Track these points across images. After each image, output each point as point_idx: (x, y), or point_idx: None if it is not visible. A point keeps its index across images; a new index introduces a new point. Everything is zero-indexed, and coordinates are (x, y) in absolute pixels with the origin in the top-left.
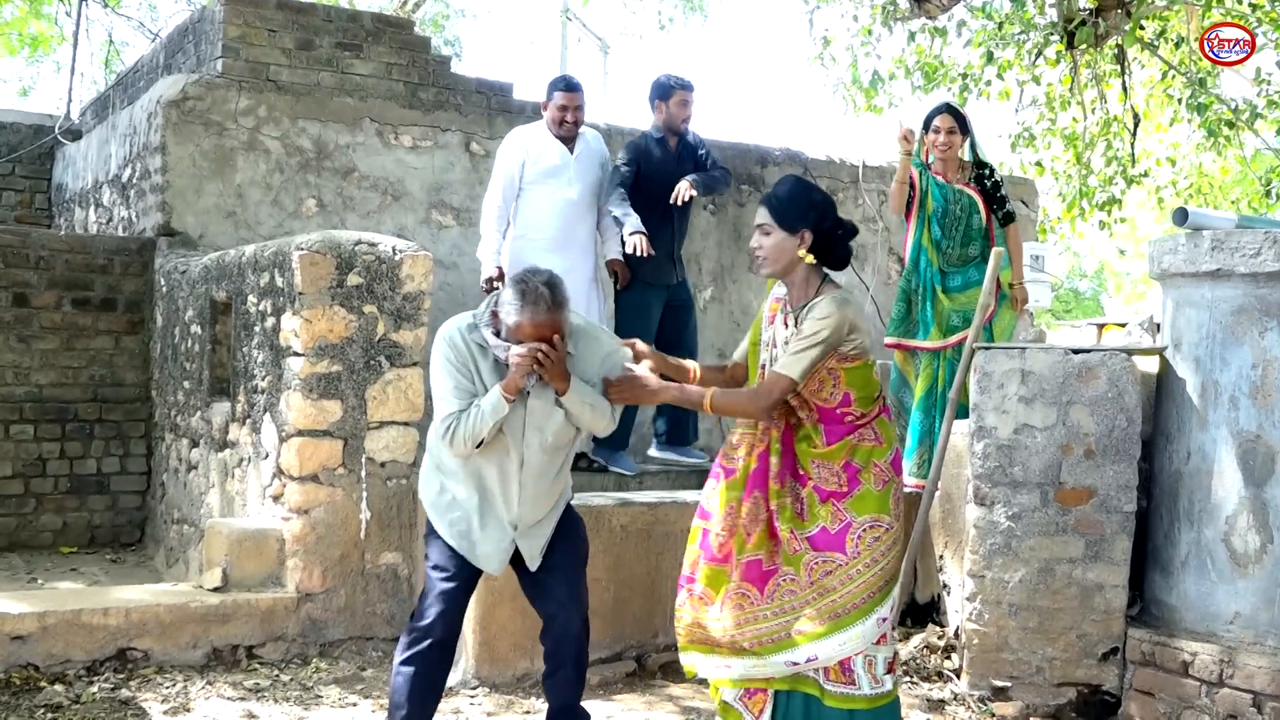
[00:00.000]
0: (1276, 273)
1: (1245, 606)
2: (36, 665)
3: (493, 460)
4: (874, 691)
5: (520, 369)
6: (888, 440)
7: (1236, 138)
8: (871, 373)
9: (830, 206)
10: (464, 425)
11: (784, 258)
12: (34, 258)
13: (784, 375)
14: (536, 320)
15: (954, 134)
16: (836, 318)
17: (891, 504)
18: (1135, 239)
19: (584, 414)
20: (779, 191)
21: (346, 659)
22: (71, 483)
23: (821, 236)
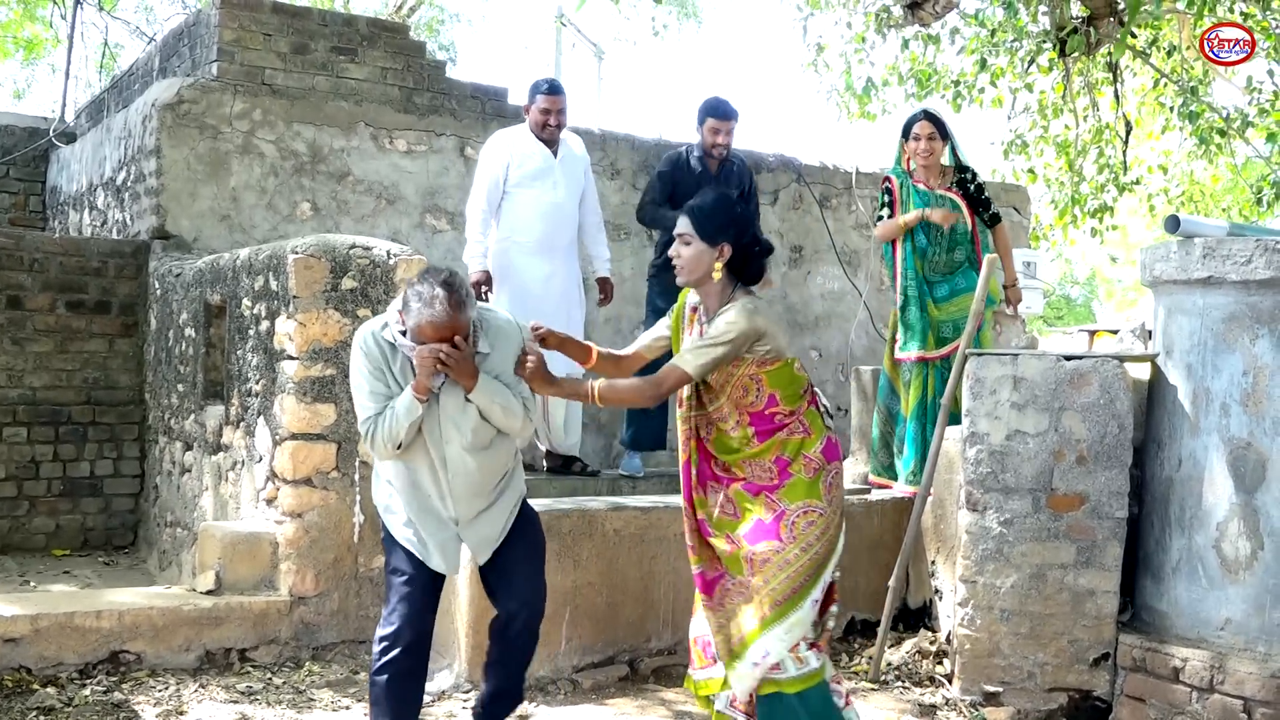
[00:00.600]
0: (1268, 280)
1: (1236, 613)
2: (29, 668)
3: (422, 460)
4: (799, 672)
5: (424, 369)
6: (817, 430)
7: (1228, 146)
8: (793, 370)
9: (750, 223)
10: (381, 428)
11: (701, 268)
12: (28, 260)
13: (680, 368)
14: (435, 321)
15: (934, 140)
16: (743, 325)
17: (823, 489)
18: (1127, 246)
19: (493, 412)
20: (702, 204)
21: (339, 662)
22: (65, 485)
23: (739, 251)
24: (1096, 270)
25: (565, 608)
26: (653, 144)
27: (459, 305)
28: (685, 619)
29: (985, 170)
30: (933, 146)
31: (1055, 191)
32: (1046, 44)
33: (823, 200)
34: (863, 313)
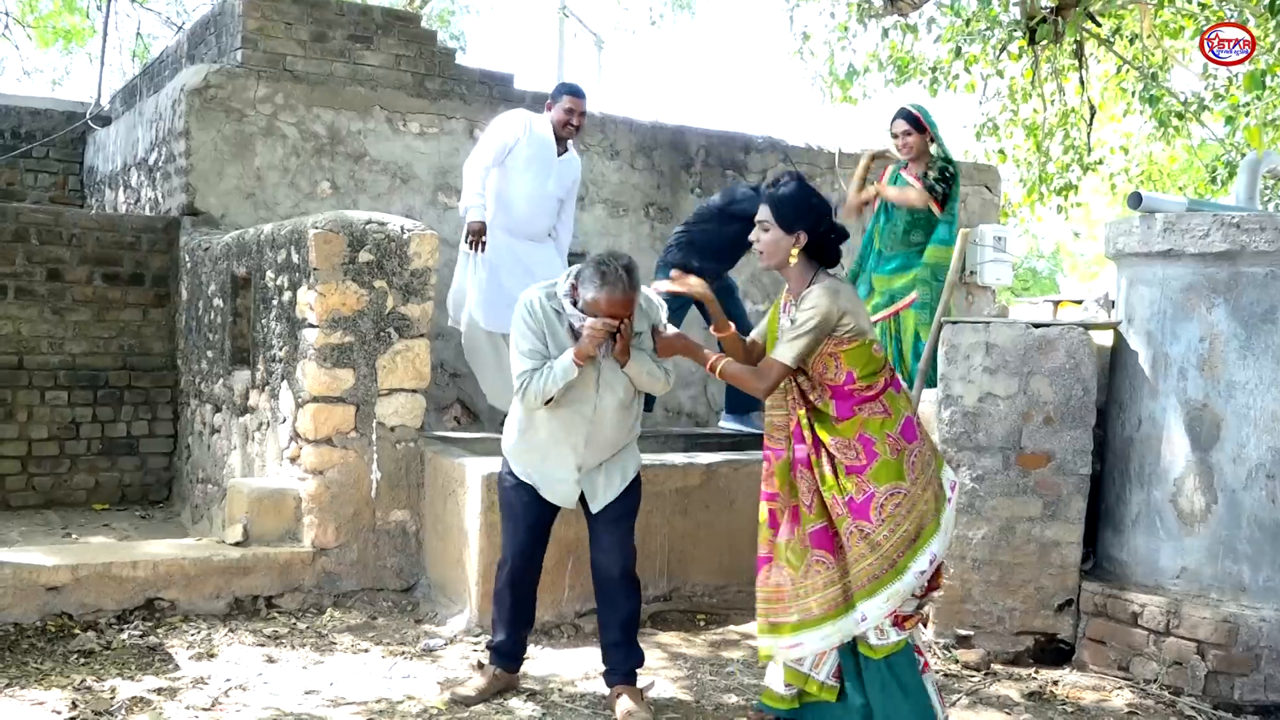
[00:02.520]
0: (1224, 253)
1: (1191, 562)
2: (70, 614)
3: (568, 412)
4: (879, 642)
5: (593, 340)
6: (895, 412)
7: (1185, 128)
8: (870, 351)
9: (826, 210)
10: (535, 383)
11: (779, 254)
12: (66, 235)
13: (777, 361)
14: (612, 299)
15: (910, 135)
16: (824, 307)
17: (907, 469)
18: (1090, 222)
19: (641, 379)
20: (781, 192)
21: (359, 609)
22: (103, 445)
23: (815, 238)
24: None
25: (568, 557)
26: (649, 126)
27: (635, 288)
28: (680, 569)
29: (959, 151)
30: (909, 141)
31: (1024, 171)
32: (1017, 32)
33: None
34: None
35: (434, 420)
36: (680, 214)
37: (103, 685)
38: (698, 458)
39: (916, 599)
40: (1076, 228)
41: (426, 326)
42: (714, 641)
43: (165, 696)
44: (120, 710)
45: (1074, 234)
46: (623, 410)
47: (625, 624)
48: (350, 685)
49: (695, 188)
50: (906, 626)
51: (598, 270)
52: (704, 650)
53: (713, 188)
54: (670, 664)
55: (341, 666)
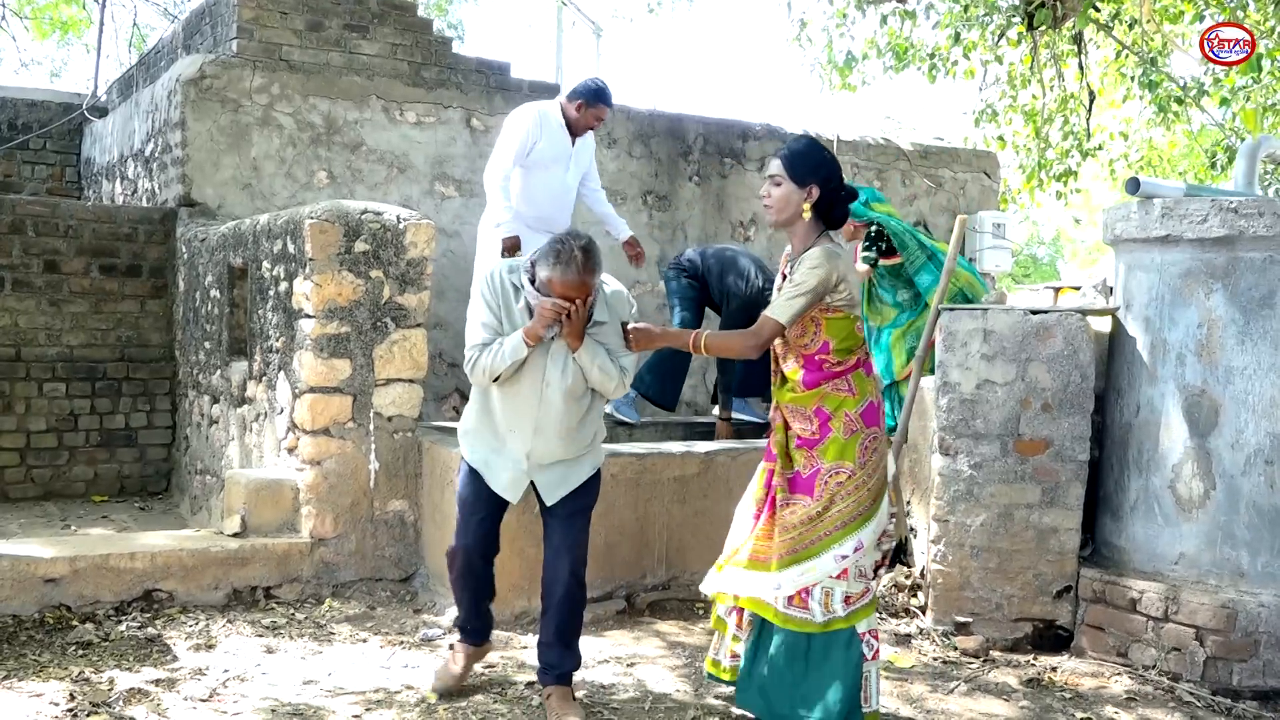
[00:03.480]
0: (1222, 238)
1: (1189, 548)
2: (68, 605)
3: (517, 396)
4: (825, 618)
5: (542, 319)
6: (861, 392)
7: (1184, 113)
8: (853, 327)
9: (837, 168)
10: (484, 358)
11: (789, 209)
12: (63, 227)
13: (772, 318)
14: (565, 279)
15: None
16: (825, 268)
17: (857, 452)
18: (1089, 208)
19: (592, 373)
20: (794, 147)
21: (357, 599)
22: (102, 436)
23: (826, 194)
24: (1061, 231)
25: None
26: (647, 115)
27: (591, 270)
28: (678, 558)
29: (958, 138)
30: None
31: (1023, 157)
32: (1016, 18)
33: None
34: None
35: (432, 410)
36: (678, 202)
37: (101, 677)
38: (695, 446)
39: (865, 579)
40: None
41: (423, 316)
42: (712, 630)
43: (164, 688)
44: (119, 701)
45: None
46: (573, 401)
47: (563, 626)
48: (349, 675)
49: (693, 176)
50: (851, 602)
51: (553, 249)
52: (702, 639)
53: (710, 176)
54: (668, 653)
55: (340, 656)
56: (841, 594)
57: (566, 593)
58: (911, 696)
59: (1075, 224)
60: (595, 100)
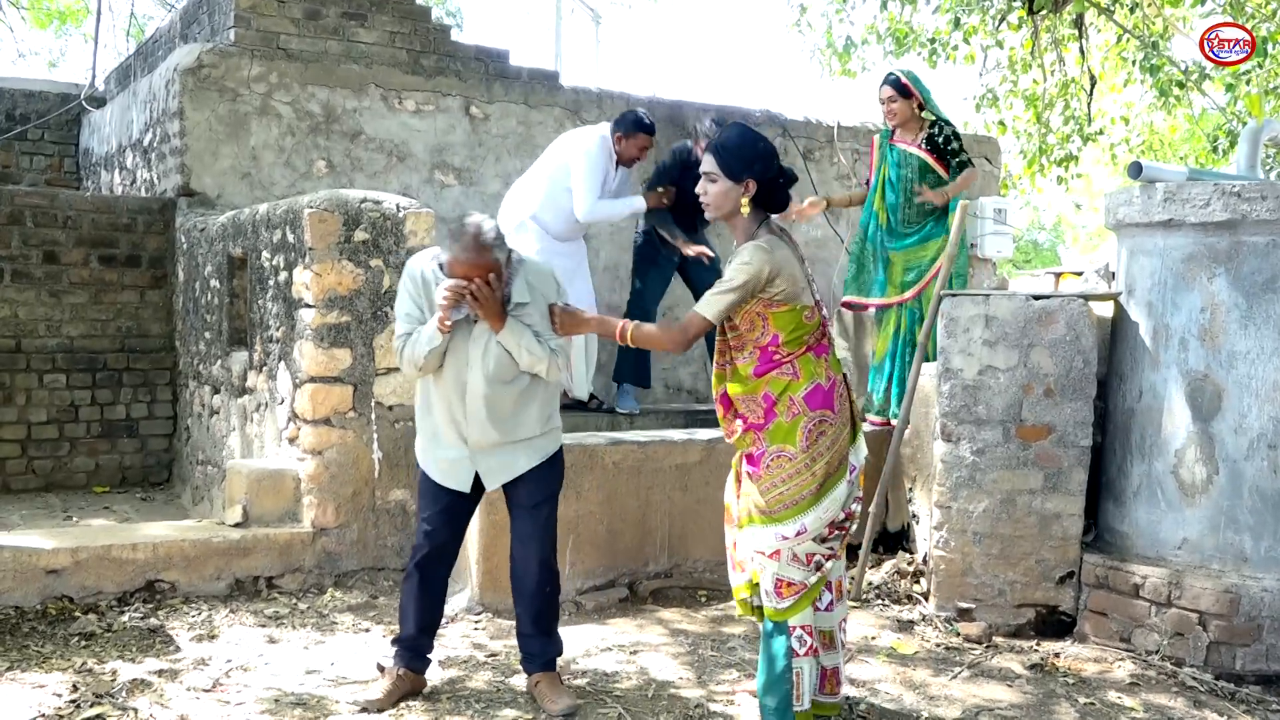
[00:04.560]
0: (1225, 222)
1: (1192, 533)
2: (71, 597)
3: (443, 382)
4: (770, 604)
5: (444, 303)
6: (806, 376)
7: (1186, 98)
8: (800, 318)
9: (773, 155)
10: (408, 348)
11: (727, 204)
12: (62, 218)
13: (700, 315)
14: (456, 259)
15: (894, 101)
16: (755, 264)
17: (800, 436)
18: (1090, 194)
19: (519, 355)
20: (726, 142)
21: (359, 588)
22: (103, 427)
23: (765, 185)
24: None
25: (569, 535)
26: (646, 102)
27: (483, 246)
28: (680, 546)
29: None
30: (894, 108)
31: (1024, 142)
32: (1016, 2)
33: (806, 153)
34: (844, 257)
35: None
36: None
37: (104, 667)
38: (697, 434)
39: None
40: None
41: None
42: (715, 618)
43: (166, 678)
44: (121, 692)
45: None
46: (501, 385)
47: (539, 615)
48: (352, 665)
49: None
50: (785, 594)
51: (449, 230)
52: (705, 626)
53: None
54: (671, 640)
55: (343, 646)
56: (772, 576)
57: (538, 583)
58: (914, 683)
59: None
60: (634, 130)
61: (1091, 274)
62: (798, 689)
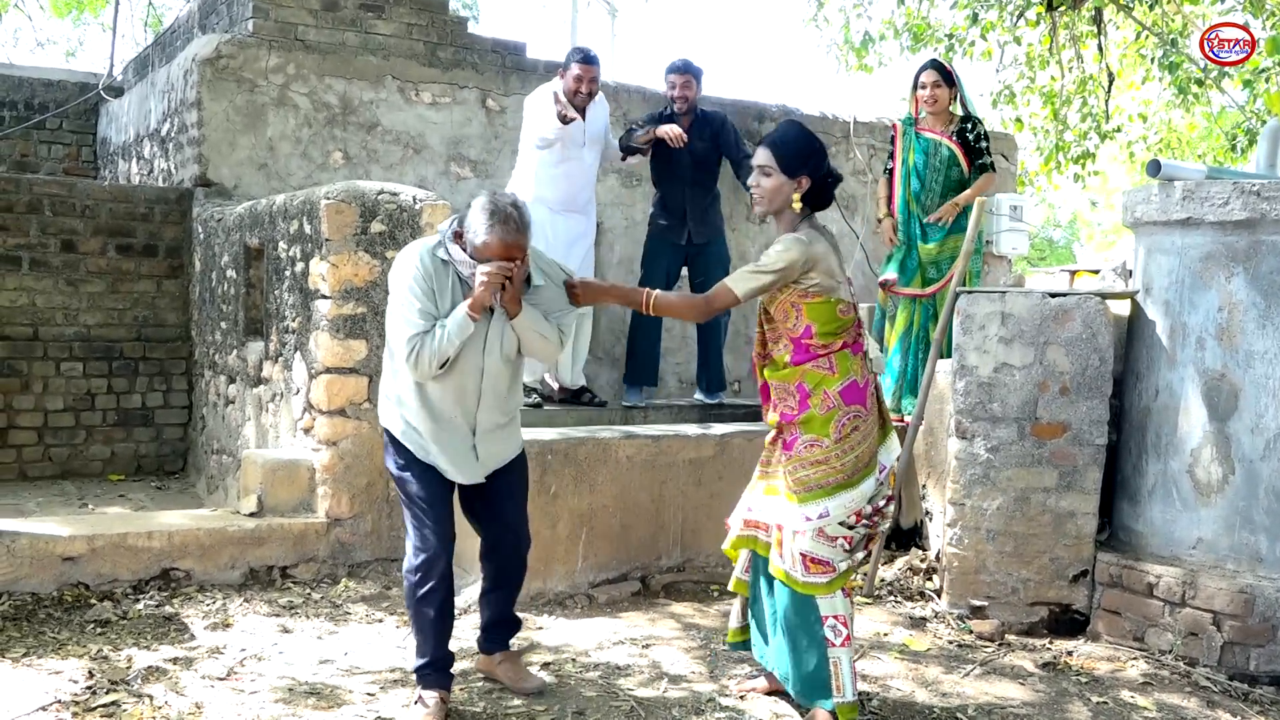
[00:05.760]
0: (1244, 221)
1: (1207, 533)
2: (87, 584)
3: (459, 371)
4: (801, 578)
5: (490, 286)
6: (842, 372)
7: (1204, 95)
8: (834, 311)
9: (825, 154)
10: (429, 345)
11: (779, 199)
12: (80, 207)
13: (729, 289)
14: (506, 240)
15: (939, 87)
16: (794, 252)
17: (833, 429)
18: (1107, 191)
19: (532, 338)
20: (783, 136)
21: (373, 579)
22: (119, 416)
23: (817, 182)
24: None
25: (582, 529)
26: (663, 95)
27: (528, 226)
28: (693, 540)
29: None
30: (937, 94)
31: (1041, 139)
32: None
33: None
34: (859, 254)
35: None
36: None
37: (119, 655)
38: (711, 428)
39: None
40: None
41: None
42: (727, 612)
43: (181, 666)
44: (136, 679)
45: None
46: (511, 369)
47: (513, 599)
48: (364, 655)
49: None
50: (812, 570)
51: (487, 210)
52: (717, 621)
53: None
54: (683, 634)
55: (356, 636)
56: (799, 553)
57: (522, 565)
58: (927, 679)
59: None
60: (567, 61)
61: (1108, 272)
62: (837, 680)
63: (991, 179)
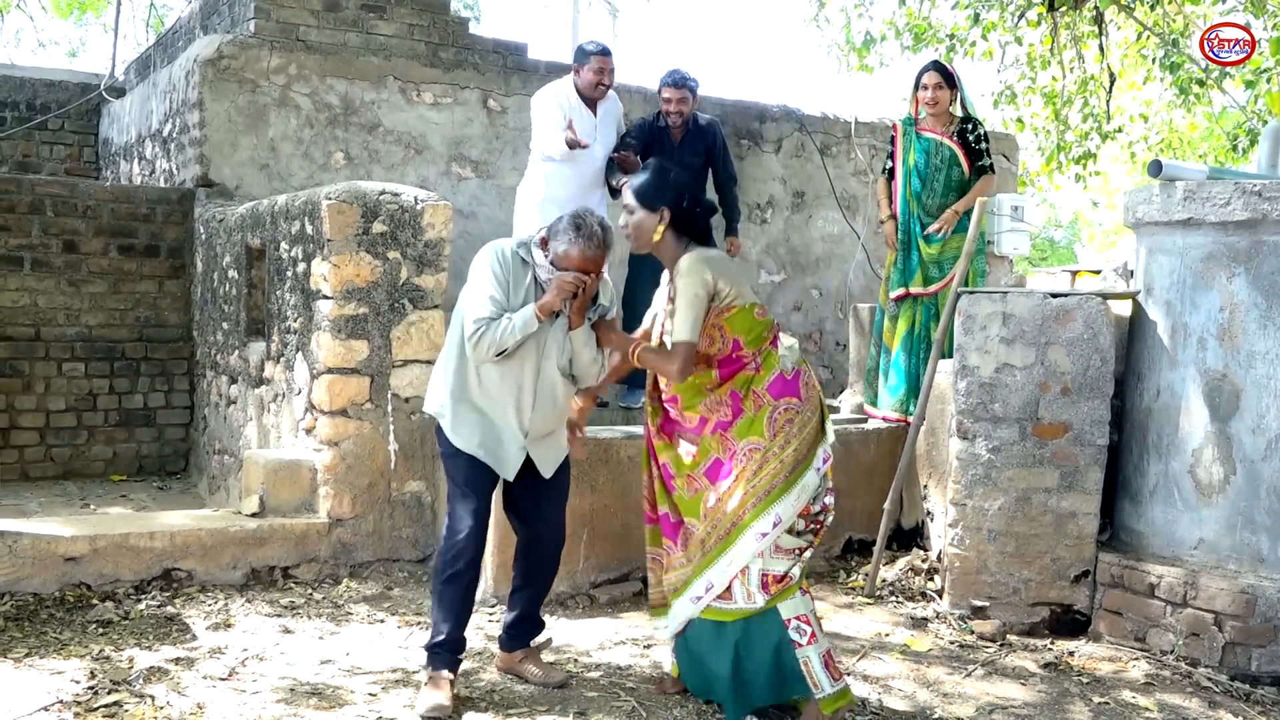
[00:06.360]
0: (1245, 222)
1: (1208, 533)
2: (88, 584)
3: (515, 370)
4: (746, 606)
5: (561, 292)
6: (768, 368)
7: (1206, 96)
8: (752, 316)
9: (686, 187)
10: (492, 332)
11: (645, 233)
12: (82, 207)
13: (681, 341)
14: (586, 254)
15: (941, 89)
16: (697, 272)
17: (766, 426)
18: (1108, 191)
19: (583, 354)
20: (642, 177)
21: (375, 579)
22: (120, 416)
23: (680, 213)
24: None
25: (583, 529)
26: None
27: (609, 245)
28: None
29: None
30: (938, 95)
31: (1042, 139)
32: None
33: (823, 148)
34: (860, 254)
35: None
36: None
37: (121, 655)
38: None
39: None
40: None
41: (440, 297)
42: None
43: (183, 666)
44: (138, 680)
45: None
46: (563, 379)
47: (540, 601)
48: (366, 655)
49: None
50: (772, 590)
51: (574, 223)
52: None
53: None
54: None
55: (357, 637)
56: (759, 572)
57: (550, 568)
58: (928, 680)
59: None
60: (585, 56)
61: (1110, 272)
62: (813, 678)
63: (991, 181)
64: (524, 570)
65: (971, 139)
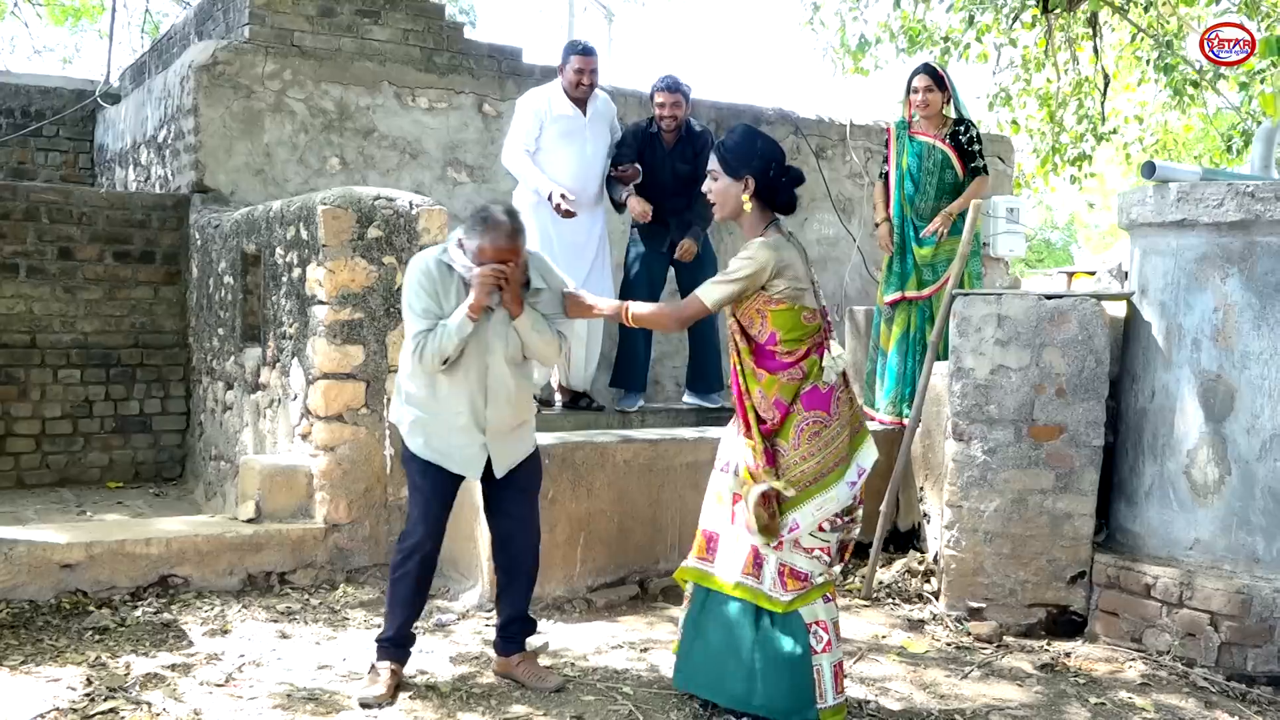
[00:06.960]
0: (1238, 223)
1: (1204, 534)
2: (85, 591)
3: (464, 370)
4: (771, 593)
5: (484, 287)
6: (809, 376)
7: (1200, 97)
8: (799, 318)
9: (774, 154)
10: (431, 343)
11: (730, 201)
12: (77, 214)
13: (699, 299)
14: (498, 244)
15: (931, 91)
16: (760, 259)
17: (792, 433)
18: (1104, 193)
19: (532, 339)
20: (727, 140)
21: (371, 584)
22: (116, 422)
23: (765, 182)
24: (1075, 215)
25: (580, 533)
26: None
27: (519, 231)
28: (690, 543)
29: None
30: (929, 98)
31: (1037, 141)
32: (1030, 1)
33: (819, 151)
34: (856, 256)
35: None
36: None
37: (117, 662)
38: (709, 432)
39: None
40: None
41: None
42: None
43: (179, 672)
44: (135, 686)
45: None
46: (515, 367)
47: (528, 597)
48: (363, 660)
49: None
50: (789, 586)
51: (480, 217)
52: None
53: None
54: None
55: (354, 642)
56: (776, 562)
57: (534, 562)
58: (925, 682)
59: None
60: (566, 55)
61: (1104, 274)
62: (819, 686)
63: (984, 183)
64: (503, 569)
65: (964, 141)
